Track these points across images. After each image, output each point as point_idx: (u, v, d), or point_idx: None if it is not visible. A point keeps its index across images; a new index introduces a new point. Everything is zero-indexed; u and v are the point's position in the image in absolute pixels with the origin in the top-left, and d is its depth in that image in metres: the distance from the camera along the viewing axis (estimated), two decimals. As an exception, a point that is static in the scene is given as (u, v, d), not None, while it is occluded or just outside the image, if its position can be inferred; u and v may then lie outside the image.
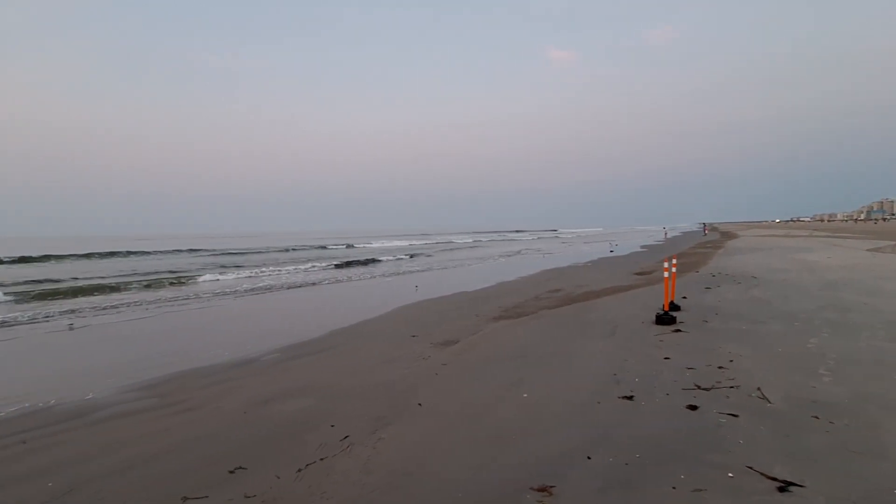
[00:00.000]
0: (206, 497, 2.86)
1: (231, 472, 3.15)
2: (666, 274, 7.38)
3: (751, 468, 2.85)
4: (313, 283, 15.70)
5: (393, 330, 7.63)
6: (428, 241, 54.72)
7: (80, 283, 15.81)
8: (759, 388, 4.13)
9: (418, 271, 19.36)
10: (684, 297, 8.72)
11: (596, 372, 4.84)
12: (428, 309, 9.69)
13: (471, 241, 55.94)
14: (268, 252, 35.39)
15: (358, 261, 25.27)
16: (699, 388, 4.24)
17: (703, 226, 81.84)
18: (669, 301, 7.38)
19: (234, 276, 18.19)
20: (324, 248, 39.99)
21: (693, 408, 3.81)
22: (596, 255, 25.59)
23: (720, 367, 4.74)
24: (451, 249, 37.32)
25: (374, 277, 17.41)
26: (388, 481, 2.94)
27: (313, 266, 21.99)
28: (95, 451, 3.57)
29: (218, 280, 16.78)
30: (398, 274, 18.50)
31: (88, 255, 31.65)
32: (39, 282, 16.56)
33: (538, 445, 3.31)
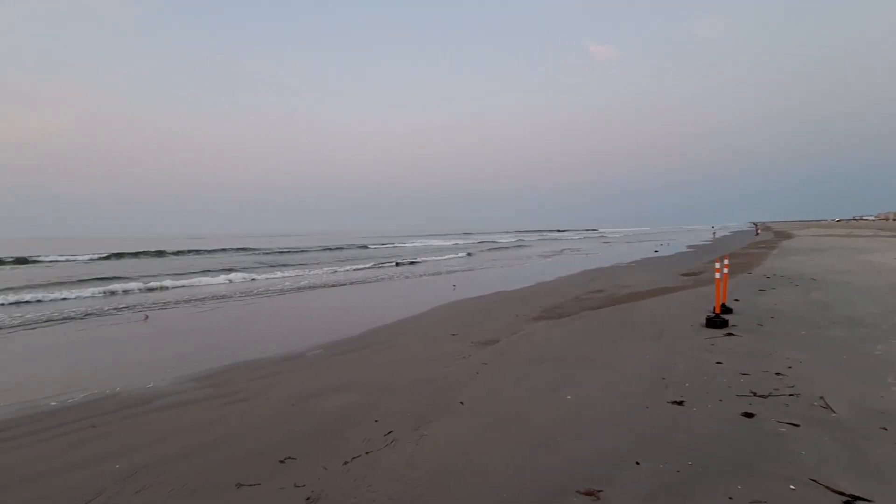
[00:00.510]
0: (259, 485, 2.98)
1: (281, 461, 3.26)
2: (717, 275, 7.06)
3: (814, 481, 2.69)
4: (353, 283, 16.04)
5: (433, 328, 7.69)
6: (469, 241, 54.63)
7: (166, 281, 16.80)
8: (821, 397, 3.88)
9: (457, 271, 19.40)
10: (736, 300, 8.32)
11: (642, 375, 4.70)
12: (467, 308, 9.69)
13: (514, 240, 55.46)
14: (309, 251, 36.41)
15: (403, 260, 25.56)
16: (755, 394, 4.04)
17: (754, 225, 77.69)
18: (721, 303, 7.05)
19: (280, 274, 18.82)
20: (365, 247, 40.65)
21: (749, 415, 3.63)
22: (640, 255, 24.80)
23: (777, 374, 4.49)
24: (492, 249, 37.14)
25: (410, 277, 17.58)
26: (432, 477, 2.96)
27: (357, 266, 22.42)
28: (157, 437, 3.80)
29: (265, 278, 17.41)
30: (437, 273, 18.61)
31: (160, 253, 34.17)
32: (123, 278, 17.73)
33: (583, 448, 3.25)
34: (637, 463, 2.99)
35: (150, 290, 13.99)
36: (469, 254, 30.77)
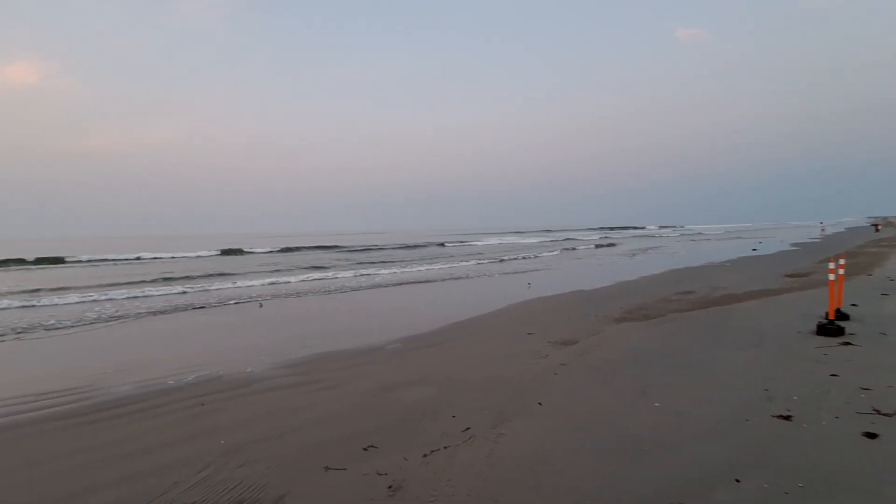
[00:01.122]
0: (345, 469, 3.14)
1: (364, 449, 3.42)
2: (831, 276, 6.26)
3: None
4: (428, 280, 16.37)
5: (508, 326, 7.62)
6: (548, 238, 53.26)
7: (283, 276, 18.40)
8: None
9: (534, 269, 19.07)
10: (854, 305, 7.34)
11: (741, 385, 4.31)
12: (544, 307, 9.49)
13: (598, 237, 53.19)
14: (390, 248, 37.57)
15: (483, 259, 25.67)
16: (878, 412, 3.54)
17: (873, 221, 67.82)
18: (835, 308, 6.25)
19: (365, 271, 19.62)
20: (442, 245, 41.11)
21: (871, 436, 3.20)
22: (736, 253, 22.72)
23: (910, 391, 3.90)
24: (569, 248, 36.05)
25: (487, 275, 17.56)
26: (511, 477, 2.94)
27: (435, 265, 22.86)
28: (256, 418, 4.15)
29: (352, 275, 18.32)
30: (515, 272, 18.43)
31: (269, 252, 36.83)
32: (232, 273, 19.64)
33: (674, 461, 3.05)
34: (737, 481, 2.75)
35: (272, 283, 15.36)
36: (553, 251, 30.12)
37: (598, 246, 35.93)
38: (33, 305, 11.54)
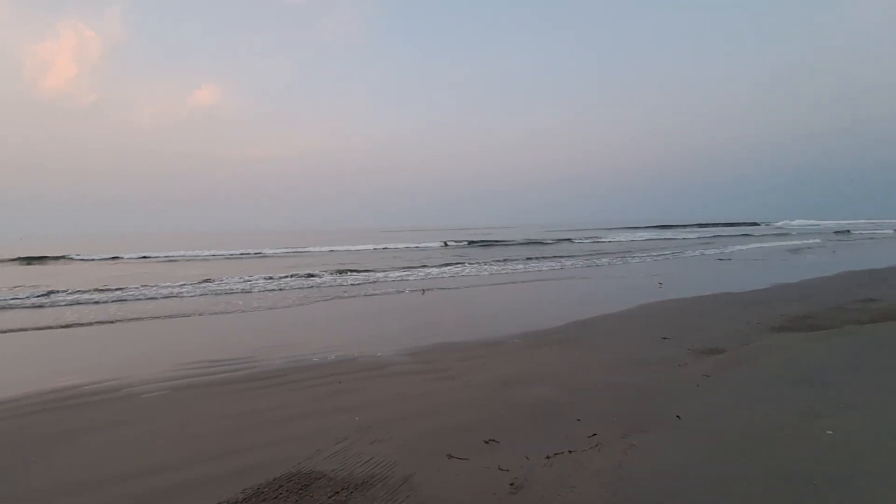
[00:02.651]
0: (467, 460, 3.17)
1: (486, 442, 3.42)
2: None
3: None
4: (550, 279, 15.93)
5: (640, 328, 7.04)
6: (693, 235, 48.17)
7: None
8: None
9: (659, 265, 17.44)
10: None
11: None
12: (680, 309, 8.58)
13: (709, 234, 46.65)
14: (515, 245, 37.11)
15: (610, 259, 24.34)
16: None
17: None
18: None
19: (488, 266, 19.84)
20: (569, 241, 39.60)
21: None
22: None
23: None
24: (697, 244, 32.26)
25: (611, 274, 16.51)
26: (644, 494, 2.69)
27: (566, 260, 22.23)
28: (385, 399, 4.43)
29: (471, 271, 18.70)
30: (644, 273, 17.07)
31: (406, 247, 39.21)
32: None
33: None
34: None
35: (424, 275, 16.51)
36: (691, 247, 27.30)
37: (742, 239, 31.42)
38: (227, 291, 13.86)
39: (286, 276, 15.91)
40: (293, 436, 3.70)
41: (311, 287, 13.64)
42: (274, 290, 13.11)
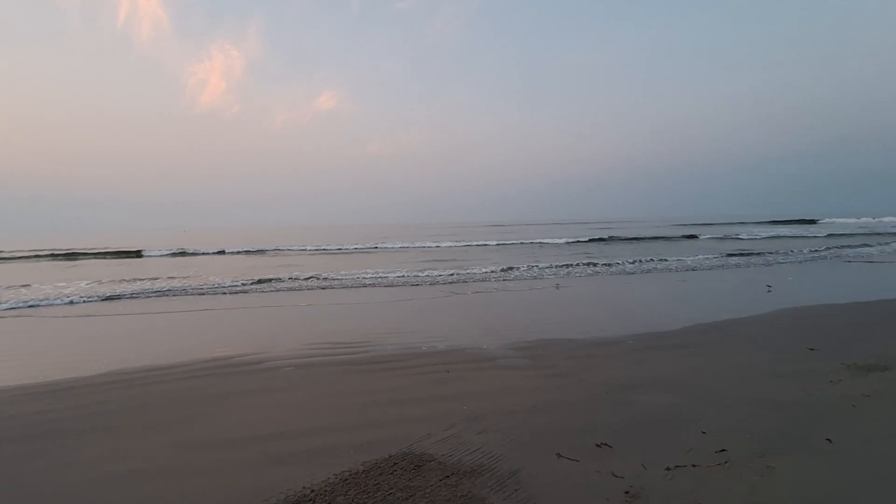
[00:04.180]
0: (577, 461, 3.09)
1: (598, 445, 3.30)
2: None
3: None
4: (667, 270, 14.70)
5: (778, 336, 6.20)
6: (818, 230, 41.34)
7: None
8: None
9: (776, 264, 15.06)
10: None
11: None
12: (831, 315, 7.36)
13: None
14: (627, 241, 34.80)
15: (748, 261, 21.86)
16: None
17: None
18: None
19: (599, 261, 19.02)
20: (694, 237, 36.05)
21: None
22: None
23: None
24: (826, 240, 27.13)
25: (742, 273, 14.70)
26: (786, 524, 2.39)
27: (687, 257, 20.45)
28: (492, 391, 4.49)
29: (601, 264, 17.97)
30: (782, 273, 14.96)
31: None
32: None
33: None
34: None
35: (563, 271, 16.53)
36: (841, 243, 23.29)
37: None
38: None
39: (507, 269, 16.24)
40: (407, 417, 3.93)
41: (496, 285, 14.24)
42: (508, 281, 13.96)
